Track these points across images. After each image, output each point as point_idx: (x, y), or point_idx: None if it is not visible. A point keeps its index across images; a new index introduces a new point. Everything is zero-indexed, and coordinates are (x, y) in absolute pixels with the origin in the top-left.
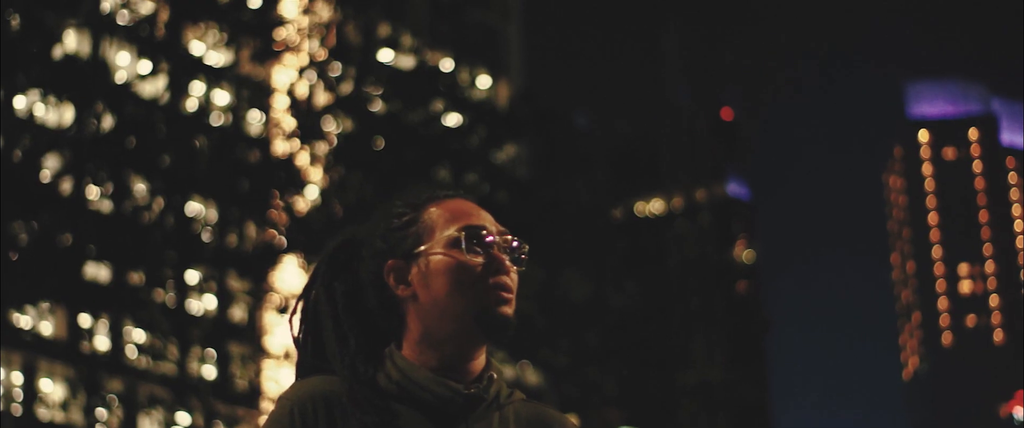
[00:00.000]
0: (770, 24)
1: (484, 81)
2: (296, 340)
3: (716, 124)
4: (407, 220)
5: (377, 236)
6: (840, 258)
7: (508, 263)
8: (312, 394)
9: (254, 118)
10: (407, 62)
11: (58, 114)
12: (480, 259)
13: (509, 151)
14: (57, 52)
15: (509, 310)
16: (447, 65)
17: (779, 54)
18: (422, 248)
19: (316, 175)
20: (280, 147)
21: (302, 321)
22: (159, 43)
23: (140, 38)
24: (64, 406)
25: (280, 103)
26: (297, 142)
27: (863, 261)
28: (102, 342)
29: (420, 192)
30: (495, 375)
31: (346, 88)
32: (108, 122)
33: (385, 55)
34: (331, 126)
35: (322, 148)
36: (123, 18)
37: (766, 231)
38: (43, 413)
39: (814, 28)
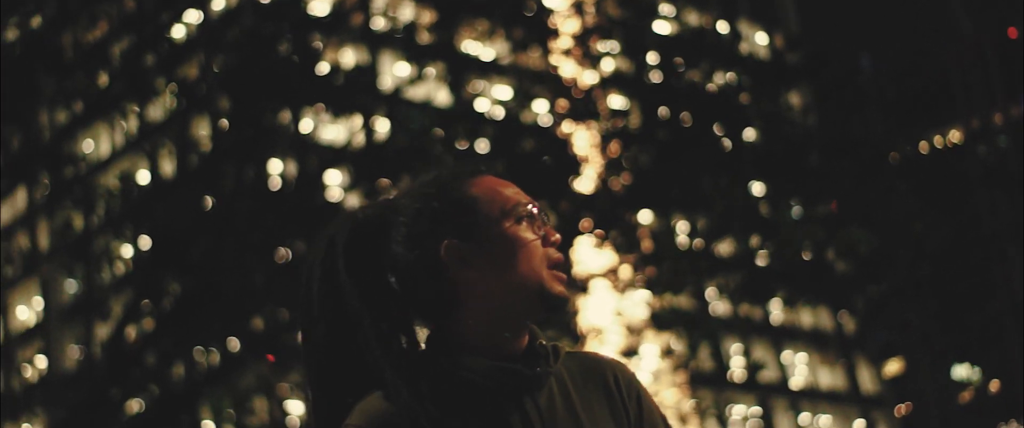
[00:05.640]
0: None
1: (762, 38)
2: (316, 346)
3: (1003, 44)
4: (453, 200)
5: (417, 218)
6: None
7: (557, 236)
8: (375, 412)
9: (539, 108)
10: (672, 28)
11: (338, 131)
12: (539, 234)
13: (795, 102)
14: (323, 69)
15: (564, 289)
16: (720, 28)
17: None
18: (485, 226)
19: (595, 156)
20: (562, 132)
21: (323, 323)
22: (428, 47)
23: (411, 45)
24: None
25: (559, 90)
26: (573, 125)
27: None
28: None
29: (444, 173)
30: (544, 342)
31: (612, 63)
32: (383, 130)
33: (655, 25)
34: (604, 104)
35: (598, 127)
36: (392, 29)
37: None
38: None
39: None
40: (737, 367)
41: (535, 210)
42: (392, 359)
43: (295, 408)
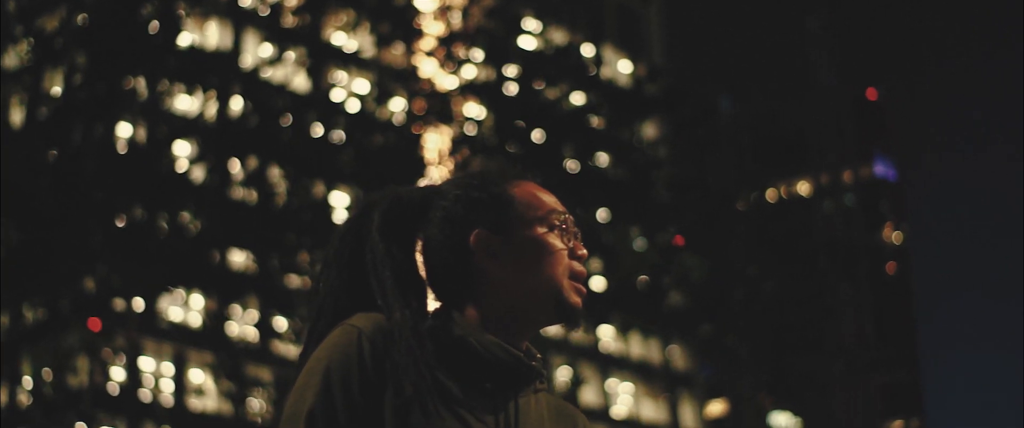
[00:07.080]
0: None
1: (625, 65)
2: (328, 286)
3: (861, 104)
4: (492, 194)
5: (456, 203)
6: (994, 239)
7: (584, 251)
8: (383, 329)
9: (396, 106)
10: (537, 44)
11: (190, 103)
12: (568, 245)
13: (650, 133)
14: (183, 41)
15: (580, 301)
16: (585, 50)
17: (927, 30)
18: (517, 225)
19: (444, 159)
20: (414, 131)
21: (337, 269)
22: (293, 31)
23: (276, 28)
24: (200, 392)
25: (417, 90)
26: (427, 126)
27: (1018, 242)
28: (251, 331)
29: (493, 170)
30: (539, 355)
31: (473, 70)
32: (237, 108)
33: (520, 40)
34: (461, 109)
35: (450, 131)
36: (260, 9)
37: (915, 212)
38: (194, 403)
39: (965, 3)
40: (560, 388)
41: (568, 221)
42: (402, 302)
43: (116, 374)
